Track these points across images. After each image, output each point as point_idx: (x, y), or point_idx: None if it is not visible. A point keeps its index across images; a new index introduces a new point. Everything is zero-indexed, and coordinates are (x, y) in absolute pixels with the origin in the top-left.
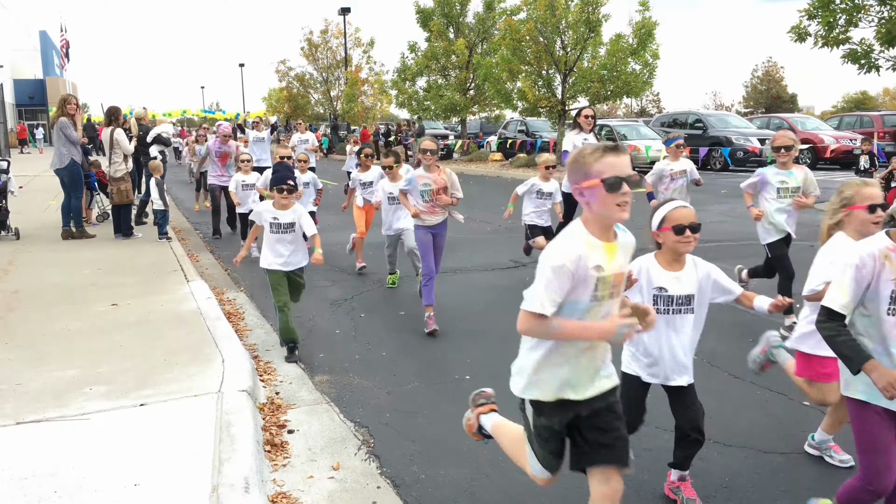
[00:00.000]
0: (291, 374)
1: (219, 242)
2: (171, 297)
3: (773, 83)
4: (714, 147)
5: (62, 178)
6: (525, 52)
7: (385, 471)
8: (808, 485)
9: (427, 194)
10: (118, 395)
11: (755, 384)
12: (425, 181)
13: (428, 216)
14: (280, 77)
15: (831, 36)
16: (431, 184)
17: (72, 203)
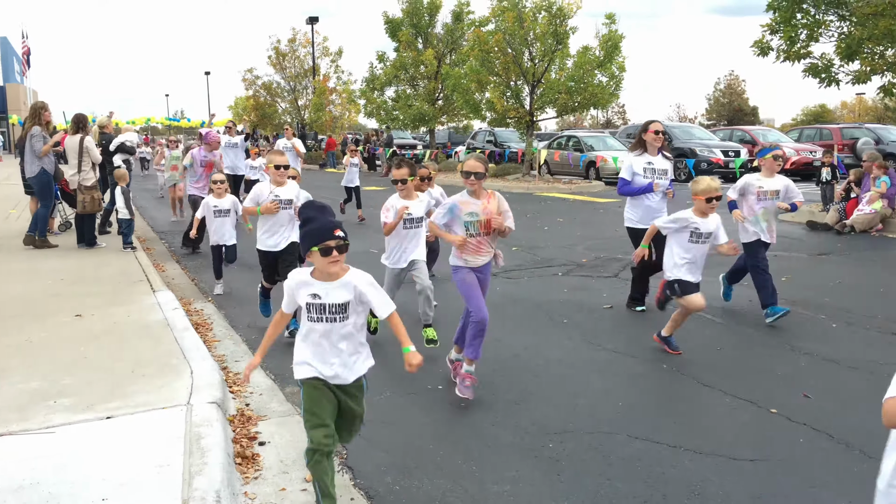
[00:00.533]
0: (262, 385)
1: (184, 251)
2: (137, 307)
3: (735, 96)
4: (679, 158)
5: (33, 186)
6: (493, 63)
7: (358, 482)
8: (779, 491)
9: (474, 227)
10: (84, 407)
11: (723, 392)
12: (472, 210)
13: (473, 255)
14: (247, 85)
15: (793, 50)
16: (480, 214)
17: (39, 211)
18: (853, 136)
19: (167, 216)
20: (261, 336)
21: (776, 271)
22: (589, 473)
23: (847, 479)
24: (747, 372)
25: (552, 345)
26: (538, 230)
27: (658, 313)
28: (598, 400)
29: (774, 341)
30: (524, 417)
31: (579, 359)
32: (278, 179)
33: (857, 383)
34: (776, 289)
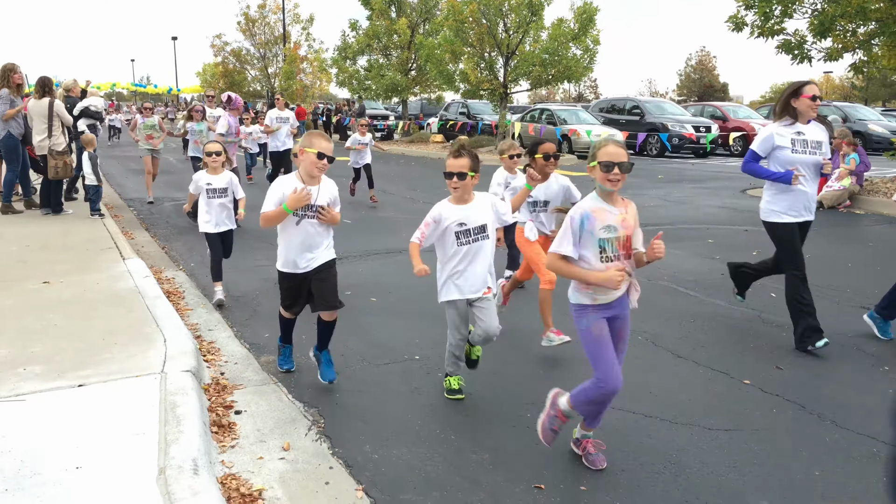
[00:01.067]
0: (237, 354)
1: (155, 219)
2: (106, 275)
3: (706, 72)
4: (651, 133)
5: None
6: (468, 34)
7: (337, 451)
8: (754, 460)
9: (612, 247)
10: (55, 375)
11: (697, 363)
12: (609, 222)
13: (602, 292)
14: (215, 52)
15: (767, 26)
16: (619, 228)
17: (6, 176)
18: (821, 114)
19: (135, 184)
20: (235, 304)
21: (746, 245)
22: (566, 442)
23: (818, 448)
24: (720, 344)
25: (526, 316)
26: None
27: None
28: (573, 370)
29: (746, 314)
30: (501, 388)
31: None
32: (315, 172)
33: (826, 355)
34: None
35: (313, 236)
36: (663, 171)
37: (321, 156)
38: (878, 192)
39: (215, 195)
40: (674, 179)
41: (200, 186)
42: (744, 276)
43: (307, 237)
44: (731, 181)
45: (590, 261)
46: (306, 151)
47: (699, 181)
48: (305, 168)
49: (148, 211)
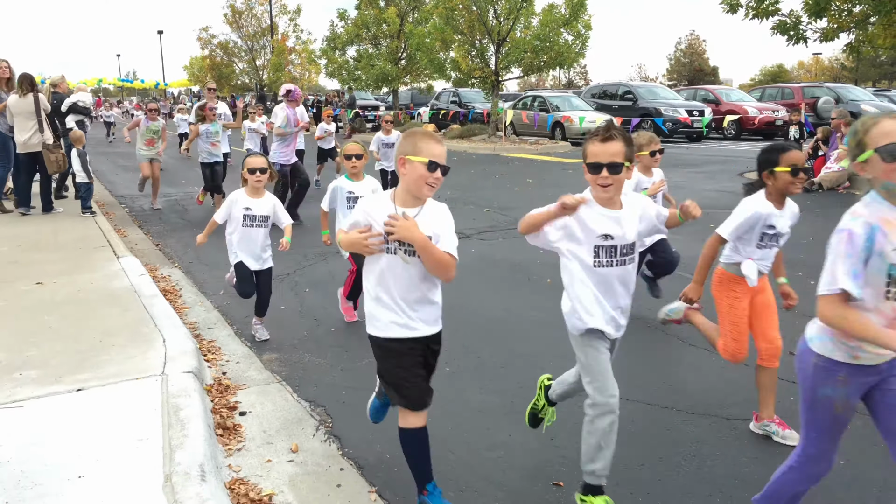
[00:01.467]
0: (238, 352)
1: (148, 216)
2: (100, 274)
3: (696, 56)
4: (644, 118)
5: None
6: (458, 22)
7: (347, 451)
8: (776, 450)
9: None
10: (52, 380)
11: (708, 350)
12: None
13: (872, 347)
14: (202, 45)
15: (762, 7)
16: None
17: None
18: (814, 95)
19: (126, 180)
20: (234, 301)
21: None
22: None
23: (843, 436)
24: None
25: (534, 306)
26: (509, 191)
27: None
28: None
29: None
30: (511, 381)
31: (563, 320)
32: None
33: None
34: None
35: (415, 282)
36: None
37: (434, 166)
38: None
39: (254, 223)
40: (670, 164)
41: (236, 214)
42: None
43: (404, 280)
44: (726, 164)
45: (869, 301)
46: (410, 161)
47: (695, 165)
48: (409, 185)
49: (140, 208)
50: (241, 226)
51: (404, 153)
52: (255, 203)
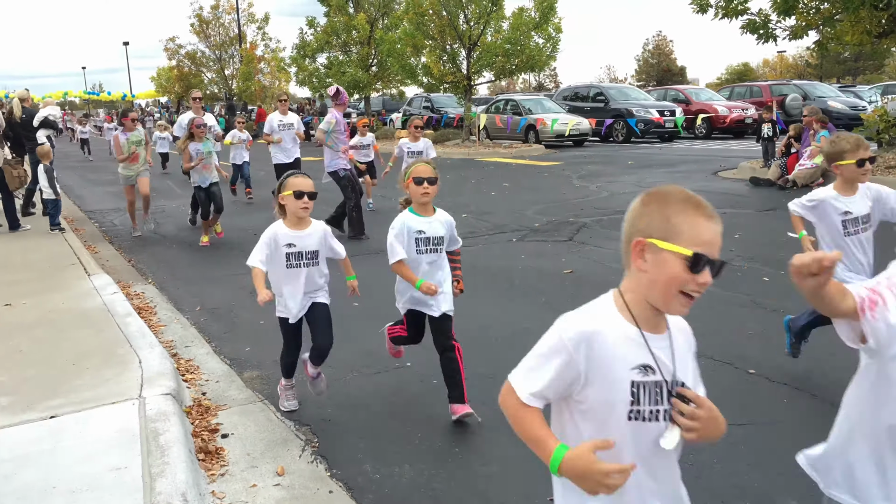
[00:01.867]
0: (217, 371)
1: (119, 231)
2: (72, 293)
3: (664, 56)
4: (616, 119)
5: None
6: (428, 27)
7: (335, 472)
8: (773, 455)
9: None
10: (23, 407)
11: (699, 354)
12: None
13: None
14: (169, 55)
15: (731, 7)
16: None
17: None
18: (782, 93)
19: (95, 195)
20: (211, 318)
21: (728, 228)
22: None
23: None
24: (718, 332)
25: (519, 314)
26: (485, 196)
27: (620, 277)
28: None
29: (740, 299)
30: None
31: (548, 327)
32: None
33: (827, 339)
34: None
35: None
36: (632, 157)
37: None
38: None
39: (302, 262)
40: (644, 165)
41: (277, 252)
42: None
43: None
44: (700, 164)
45: None
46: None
47: (670, 165)
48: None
49: (110, 223)
50: (287, 266)
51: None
52: (300, 236)
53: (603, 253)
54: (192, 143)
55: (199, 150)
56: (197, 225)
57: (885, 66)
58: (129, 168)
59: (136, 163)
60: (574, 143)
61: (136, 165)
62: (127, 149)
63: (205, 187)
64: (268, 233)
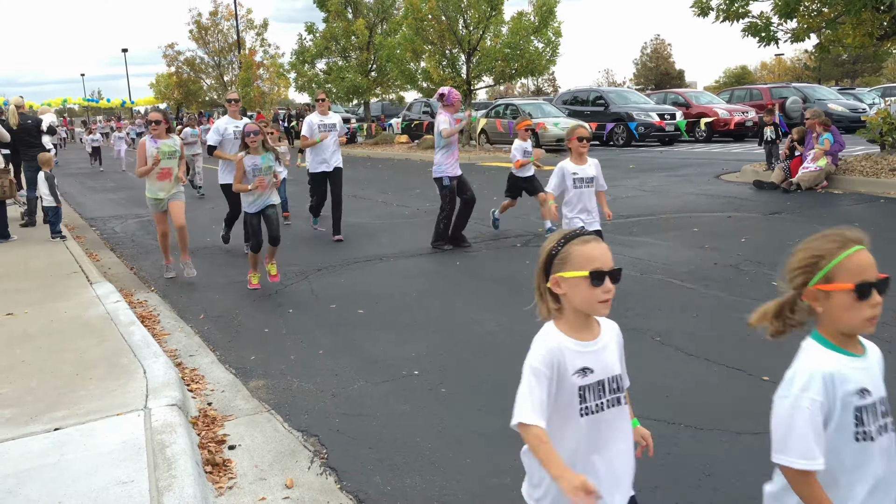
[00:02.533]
0: (222, 380)
1: (120, 238)
2: (74, 302)
3: (662, 60)
4: (617, 123)
5: None
6: (428, 32)
7: (345, 485)
8: None
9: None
10: (27, 419)
11: (710, 361)
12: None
13: None
14: (168, 62)
15: (732, 10)
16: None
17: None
18: (782, 96)
19: (95, 202)
20: (215, 326)
21: (732, 232)
22: None
23: None
24: (729, 338)
25: (525, 320)
26: (488, 200)
27: (626, 282)
28: None
29: (749, 304)
30: (510, 400)
31: None
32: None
33: None
34: None
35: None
36: (633, 161)
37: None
38: (853, 171)
39: (604, 400)
40: (646, 168)
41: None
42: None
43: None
44: (702, 167)
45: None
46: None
47: (671, 169)
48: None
49: (111, 230)
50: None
51: None
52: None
53: None
54: (248, 155)
55: (257, 165)
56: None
57: (884, 68)
58: (156, 188)
59: (167, 181)
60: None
61: (166, 184)
62: (163, 155)
63: (257, 211)
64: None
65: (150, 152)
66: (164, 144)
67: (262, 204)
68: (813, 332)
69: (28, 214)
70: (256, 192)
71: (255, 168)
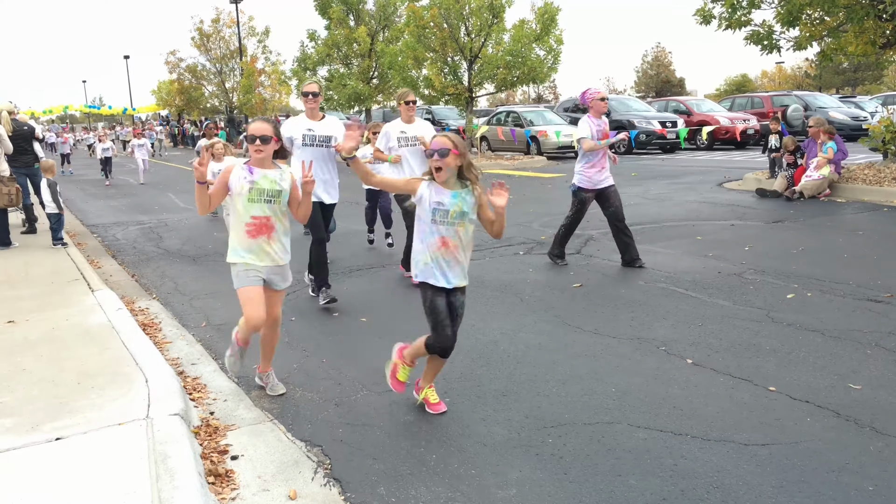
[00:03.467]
0: (225, 389)
1: (122, 245)
2: (76, 309)
3: (663, 68)
4: (618, 131)
5: None
6: (430, 39)
7: (350, 496)
8: (800, 477)
9: None
10: (28, 428)
11: (716, 371)
12: None
13: None
14: (170, 68)
15: (734, 18)
16: None
17: None
18: (783, 104)
19: (97, 208)
20: (217, 334)
21: (735, 240)
22: (598, 471)
23: (865, 459)
24: (734, 347)
25: (529, 329)
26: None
27: (630, 291)
28: (589, 387)
29: (754, 313)
30: (515, 410)
31: (560, 342)
32: None
33: (847, 354)
34: None
35: None
36: (635, 168)
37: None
38: (856, 179)
39: None
40: (648, 176)
41: None
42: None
43: None
44: (704, 175)
45: None
46: None
47: (673, 177)
48: None
49: (113, 237)
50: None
51: None
52: None
53: (612, 266)
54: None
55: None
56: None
57: (885, 76)
58: (244, 247)
59: (265, 240)
60: (576, 155)
61: (263, 246)
62: (248, 203)
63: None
64: None
65: (238, 188)
66: (264, 177)
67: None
68: None
69: (28, 222)
70: None
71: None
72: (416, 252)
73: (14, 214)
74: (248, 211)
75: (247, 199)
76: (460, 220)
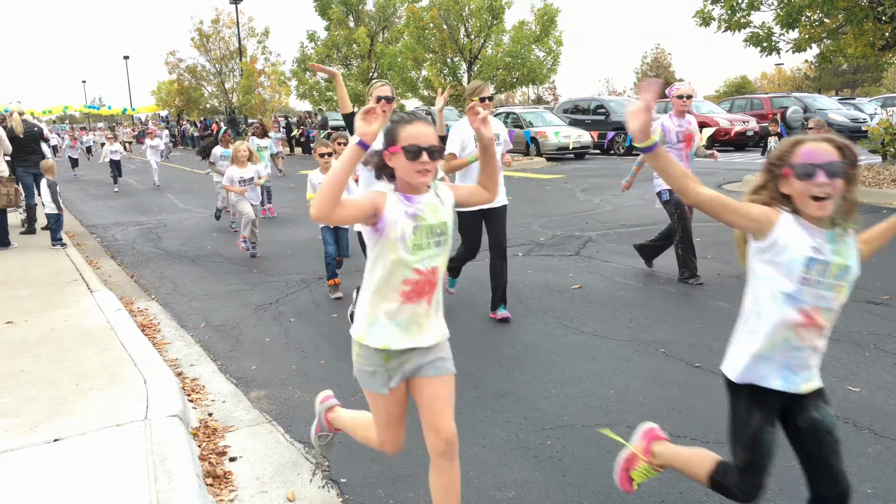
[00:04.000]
0: (223, 391)
1: (121, 246)
2: (74, 310)
3: (662, 69)
4: (618, 132)
5: None
6: (429, 40)
7: (348, 498)
8: (799, 480)
9: None
10: (26, 429)
11: (714, 373)
12: None
13: None
14: (170, 69)
15: (734, 20)
16: None
17: None
18: (782, 105)
19: (96, 209)
20: (215, 335)
21: (734, 242)
22: (597, 473)
23: (863, 462)
24: None
25: (528, 330)
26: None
27: (629, 292)
28: (587, 388)
29: None
30: (514, 412)
31: (559, 344)
32: None
33: (847, 357)
34: None
35: None
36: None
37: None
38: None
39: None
40: (647, 178)
41: None
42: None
43: None
44: (704, 177)
45: None
46: None
47: None
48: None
49: (112, 237)
50: None
51: None
52: None
53: (611, 267)
54: None
55: None
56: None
57: (884, 78)
58: (392, 320)
59: (424, 304)
60: (575, 156)
61: (417, 312)
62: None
63: None
64: None
65: (399, 229)
66: (428, 206)
67: None
68: None
69: (28, 222)
70: None
71: None
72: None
73: (13, 215)
74: (411, 263)
75: (412, 246)
76: (843, 278)
